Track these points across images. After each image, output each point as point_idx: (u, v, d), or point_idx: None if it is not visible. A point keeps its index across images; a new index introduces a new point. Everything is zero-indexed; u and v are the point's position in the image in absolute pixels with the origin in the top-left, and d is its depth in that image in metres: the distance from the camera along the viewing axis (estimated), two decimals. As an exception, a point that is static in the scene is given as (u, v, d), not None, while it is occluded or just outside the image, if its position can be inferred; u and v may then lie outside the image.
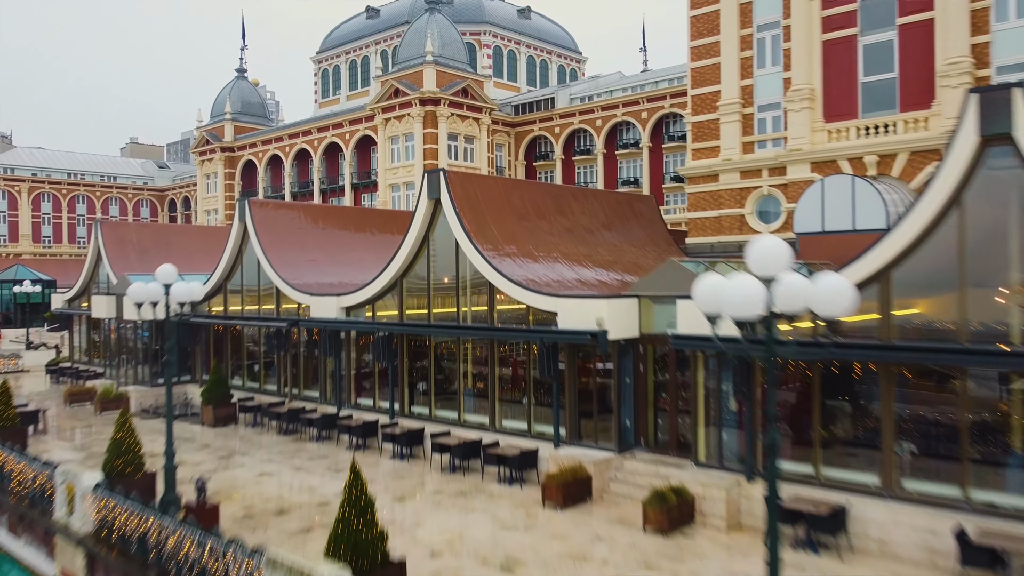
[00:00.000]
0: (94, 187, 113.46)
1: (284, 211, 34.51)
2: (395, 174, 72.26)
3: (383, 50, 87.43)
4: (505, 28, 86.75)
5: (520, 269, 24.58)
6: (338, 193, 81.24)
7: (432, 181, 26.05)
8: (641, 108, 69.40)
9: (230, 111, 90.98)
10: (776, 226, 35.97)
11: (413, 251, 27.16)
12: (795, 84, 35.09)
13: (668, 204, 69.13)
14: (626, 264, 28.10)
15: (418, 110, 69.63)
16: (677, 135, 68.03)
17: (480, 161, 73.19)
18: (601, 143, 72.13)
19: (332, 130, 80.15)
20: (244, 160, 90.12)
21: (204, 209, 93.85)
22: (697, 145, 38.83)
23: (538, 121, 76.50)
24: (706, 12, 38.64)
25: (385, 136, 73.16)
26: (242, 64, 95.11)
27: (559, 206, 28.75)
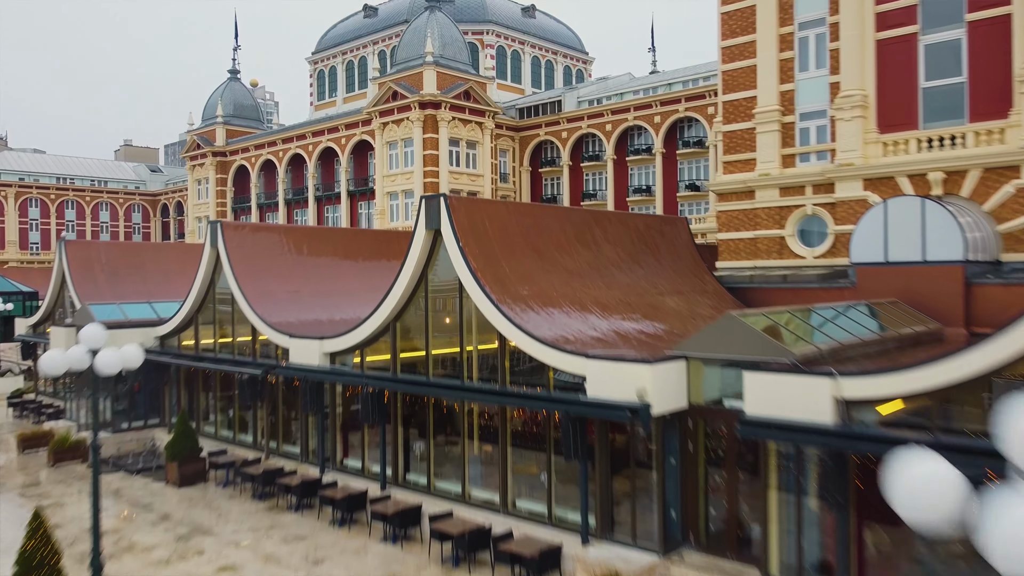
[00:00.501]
0: (84, 192, 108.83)
1: (262, 235, 29.97)
2: (393, 181, 67.68)
3: (381, 50, 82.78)
4: (509, 27, 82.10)
5: (538, 318, 20.01)
6: (334, 201, 76.66)
7: (431, 209, 21.47)
8: (654, 112, 64.76)
9: (222, 114, 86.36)
10: (821, 250, 31.37)
11: (409, 291, 22.60)
12: (844, 89, 30.47)
13: (683, 213, 64.49)
14: (665, 311, 23.43)
15: (417, 114, 65.03)
16: (692, 140, 63.41)
17: (483, 168, 68.62)
18: (611, 149, 67.50)
19: (327, 134, 75.54)
20: (237, 165, 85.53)
21: (195, 216, 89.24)
22: (730, 157, 34.18)
23: (544, 125, 71.87)
24: (739, 8, 33.97)
25: (383, 141, 68.57)
26: (235, 65, 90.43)
27: (580, 235, 24.18)
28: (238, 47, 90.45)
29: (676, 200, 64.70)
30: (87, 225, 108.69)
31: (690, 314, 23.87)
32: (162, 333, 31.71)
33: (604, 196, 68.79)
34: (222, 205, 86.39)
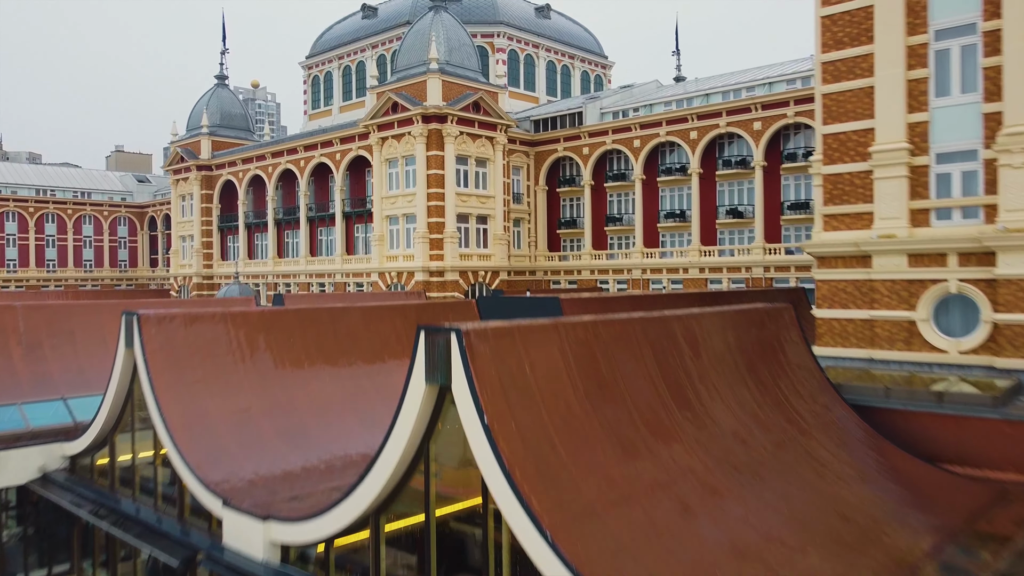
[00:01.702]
0: (65, 204, 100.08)
1: (200, 328, 21.21)
2: (393, 204, 58.81)
3: (381, 55, 73.78)
4: (522, 29, 73.05)
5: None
6: (328, 222, 67.80)
7: (436, 352, 12.60)
8: (689, 127, 55.74)
9: (207, 124, 77.43)
10: (970, 343, 22.42)
11: (400, 471, 13.69)
12: (1009, 123, 21.52)
13: (722, 242, 55.54)
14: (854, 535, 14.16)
15: (420, 128, 56.12)
16: (735, 160, 54.42)
17: (494, 188, 59.72)
18: (639, 167, 58.52)
19: (321, 149, 66.64)
20: (223, 180, 76.66)
21: (179, 235, 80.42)
22: (834, 209, 25.18)
23: (563, 140, 62.88)
24: (847, 10, 24.94)
25: (382, 158, 59.67)
26: (222, 70, 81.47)
27: (676, 383, 15.17)
28: (226, 50, 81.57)
29: (715, 228, 55.78)
30: (68, 240, 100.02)
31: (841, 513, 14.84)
32: (72, 452, 23.08)
33: (631, 220, 59.84)
34: (207, 223, 77.57)
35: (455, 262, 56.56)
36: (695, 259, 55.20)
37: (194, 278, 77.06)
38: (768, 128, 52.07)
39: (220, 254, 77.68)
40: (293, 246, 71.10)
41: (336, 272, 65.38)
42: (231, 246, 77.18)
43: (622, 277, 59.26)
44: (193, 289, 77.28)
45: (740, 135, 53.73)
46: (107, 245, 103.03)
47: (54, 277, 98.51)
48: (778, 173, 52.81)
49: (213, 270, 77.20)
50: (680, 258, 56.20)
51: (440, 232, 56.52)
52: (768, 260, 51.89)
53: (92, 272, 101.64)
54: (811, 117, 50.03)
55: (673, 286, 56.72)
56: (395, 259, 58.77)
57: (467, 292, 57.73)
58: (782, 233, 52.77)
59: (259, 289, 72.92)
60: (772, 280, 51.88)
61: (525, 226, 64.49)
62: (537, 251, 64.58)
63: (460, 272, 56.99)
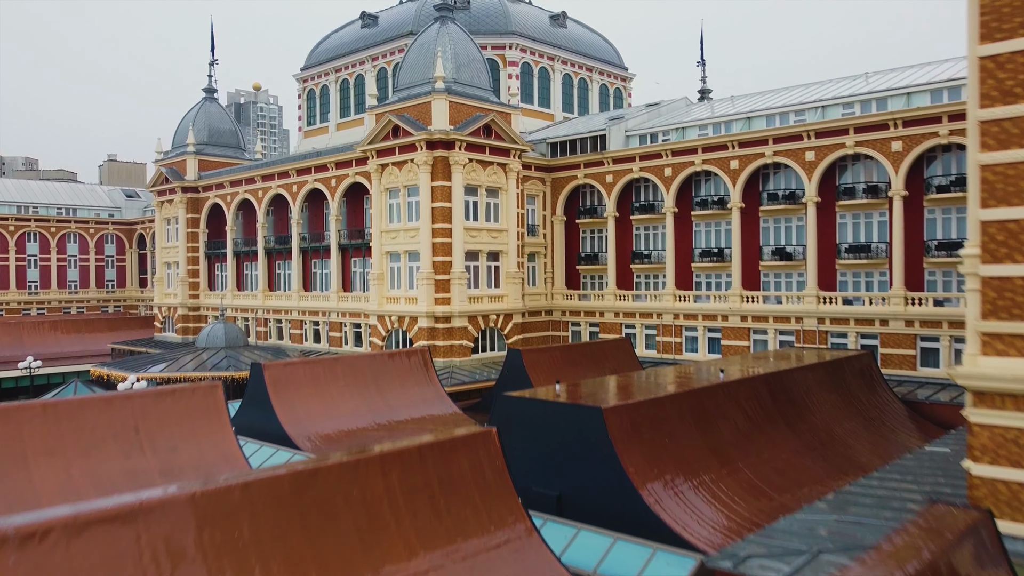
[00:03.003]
0: (48, 222, 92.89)
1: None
2: (394, 239, 51.54)
3: (381, 68, 66.37)
4: (536, 40, 65.56)
5: None
6: (322, 254, 60.51)
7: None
8: (730, 155, 48.34)
9: (194, 142, 70.10)
10: None
11: None
12: None
13: (768, 287, 48.23)
14: None
15: (424, 155, 48.81)
16: (782, 193, 47.06)
17: (507, 220, 52.42)
18: (671, 199, 51.13)
19: (315, 173, 59.34)
20: (210, 203, 69.39)
21: (163, 261, 73.16)
22: (998, 327, 17.74)
23: (583, 166, 55.48)
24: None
25: (381, 187, 52.37)
26: (211, 83, 74.03)
27: None
28: (215, 61, 74.10)
29: (758, 270, 48.41)
30: (52, 259, 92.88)
31: None
32: None
33: (661, 257, 52.49)
34: (194, 250, 70.31)
35: (464, 306, 49.30)
36: (736, 305, 47.87)
37: (179, 309, 69.85)
38: (823, 159, 44.68)
39: (207, 283, 70.45)
40: (285, 278, 63.86)
41: (331, 311, 58.15)
42: (219, 275, 69.97)
43: (651, 322, 51.93)
44: (178, 321, 70.07)
45: (789, 165, 46.33)
46: (93, 264, 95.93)
47: (36, 300, 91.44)
48: (833, 209, 45.44)
49: (200, 300, 69.99)
50: (718, 303, 48.86)
51: (447, 272, 49.24)
52: (823, 310, 44.54)
53: (77, 293, 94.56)
54: (874, 148, 42.70)
55: (710, 334, 49.37)
56: (396, 301, 51.52)
57: (476, 339, 50.47)
58: (838, 279, 45.42)
59: (248, 324, 65.73)
60: (827, 334, 44.54)
61: (541, 260, 57.15)
62: (554, 288, 57.25)
63: (469, 317, 49.74)
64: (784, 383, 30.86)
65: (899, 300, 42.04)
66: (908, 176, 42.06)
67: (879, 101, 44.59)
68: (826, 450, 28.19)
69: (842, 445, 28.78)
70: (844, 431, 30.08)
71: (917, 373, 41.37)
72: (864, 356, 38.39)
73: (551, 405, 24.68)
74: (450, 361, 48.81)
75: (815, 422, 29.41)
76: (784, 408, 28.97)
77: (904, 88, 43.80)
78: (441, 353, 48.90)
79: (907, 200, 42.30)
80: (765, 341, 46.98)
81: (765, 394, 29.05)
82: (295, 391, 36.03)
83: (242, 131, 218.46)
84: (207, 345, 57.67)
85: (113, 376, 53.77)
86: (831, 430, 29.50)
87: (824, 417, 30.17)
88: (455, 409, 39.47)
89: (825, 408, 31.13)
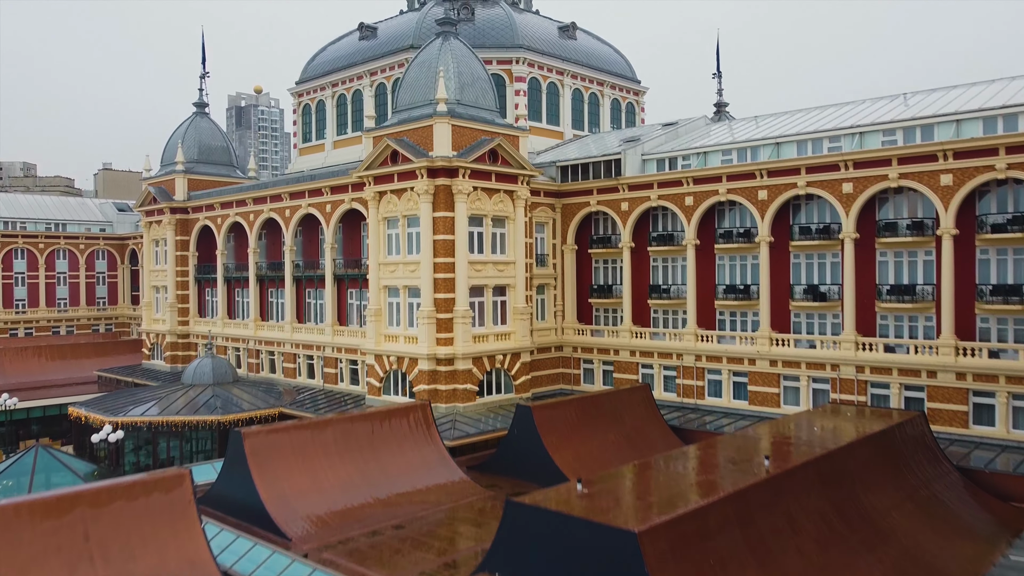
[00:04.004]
0: (36, 238, 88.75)
1: None
2: (393, 272, 47.33)
3: (380, 83, 62.04)
4: (544, 53, 61.20)
5: None
6: (317, 284, 56.29)
7: None
8: (757, 184, 44.06)
9: (183, 160, 65.88)
10: None
11: None
12: None
13: (800, 329, 43.98)
14: None
15: (425, 184, 44.60)
16: (815, 227, 42.88)
17: (514, 251, 48.21)
18: (692, 230, 46.84)
19: (309, 197, 55.11)
20: (200, 225, 65.18)
21: (152, 285, 68.96)
22: None
23: (596, 192, 51.18)
24: None
25: (379, 216, 48.14)
26: (201, 96, 69.76)
27: None
28: (206, 74, 69.87)
29: (788, 309, 44.14)
30: (40, 276, 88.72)
31: None
32: None
33: (680, 292, 48.21)
34: (183, 274, 66.12)
35: (468, 347, 45.07)
36: (764, 349, 43.57)
37: (168, 336, 65.65)
38: (862, 191, 40.36)
39: (197, 309, 66.26)
40: (278, 307, 59.66)
41: (326, 345, 53.94)
42: (209, 300, 65.78)
43: (670, 363, 47.64)
44: (167, 348, 65.88)
45: (823, 197, 42.01)
46: (84, 281, 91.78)
47: (24, 319, 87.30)
48: (872, 246, 41.11)
49: (189, 327, 65.80)
50: (745, 345, 44.56)
51: (449, 311, 45.02)
52: (861, 358, 40.22)
53: (67, 312, 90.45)
54: (920, 180, 38.43)
55: (735, 378, 45.09)
56: (395, 340, 47.29)
57: (481, 382, 46.25)
58: (878, 322, 41.09)
59: (239, 354, 61.55)
60: (867, 384, 40.23)
61: (550, 292, 52.88)
62: (565, 323, 52.95)
63: (474, 359, 45.50)
64: (837, 470, 26.62)
65: (948, 349, 37.71)
66: (959, 213, 37.72)
67: (924, 129, 40.20)
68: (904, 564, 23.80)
69: (920, 561, 24.38)
70: (916, 532, 25.73)
71: (969, 432, 37.08)
72: (916, 419, 34.17)
73: (575, 522, 20.39)
74: (453, 407, 44.62)
75: (883, 527, 25.06)
76: (844, 510, 24.65)
77: (952, 115, 39.40)
78: (443, 398, 44.69)
79: (957, 239, 37.98)
80: (797, 389, 42.70)
81: (818, 489, 24.77)
82: (279, 462, 31.86)
83: (243, 135, 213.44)
84: (193, 381, 53.56)
85: (91, 419, 49.63)
86: (901, 537, 25.14)
87: (893, 523, 25.76)
88: (461, 475, 35.28)
89: (887, 499, 26.86)
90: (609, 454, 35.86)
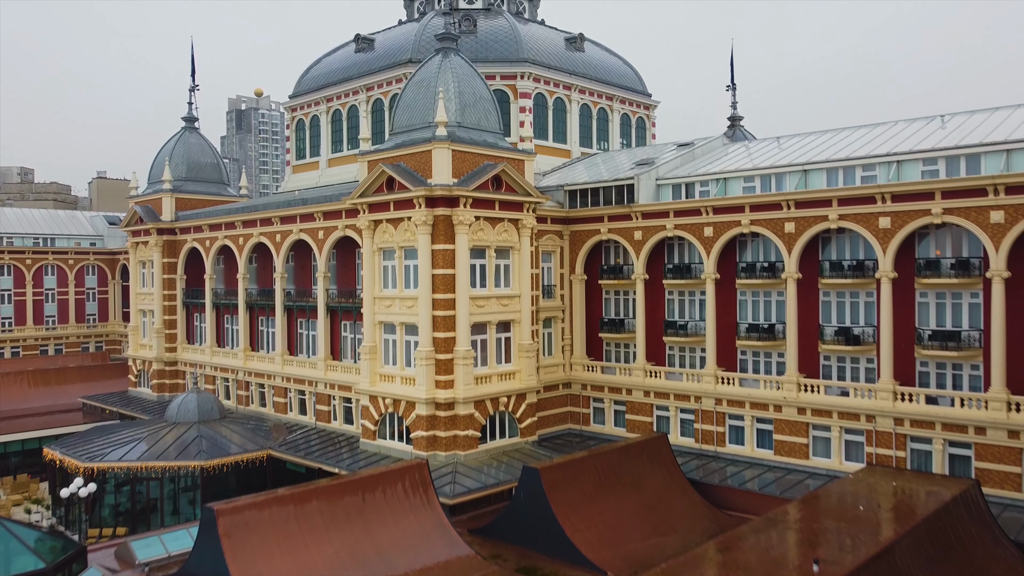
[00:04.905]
0: (23, 254, 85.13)
1: None
2: (389, 307, 43.62)
3: (377, 99, 58.23)
4: (551, 67, 57.36)
5: None
6: (309, 314, 52.53)
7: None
8: (784, 216, 40.24)
9: (170, 178, 62.17)
10: None
11: None
12: None
13: (830, 373, 40.21)
14: None
15: (424, 214, 40.90)
16: (848, 264, 39.06)
17: (520, 283, 44.51)
18: (712, 263, 43.04)
19: (300, 222, 51.39)
20: (188, 247, 61.46)
21: (138, 308, 65.25)
22: None
23: (607, 219, 47.38)
24: None
25: (373, 247, 44.44)
26: (191, 111, 66.07)
27: None
28: (195, 87, 66.14)
29: (818, 352, 40.32)
30: (27, 294, 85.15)
31: None
32: None
33: (699, 329, 44.44)
34: (171, 298, 62.42)
35: (470, 390, 41.37)
36: (792, 395, 39.79)
37: (155, 364, 61.97)
38: (901, 227, 36.55)
39: (185, 335, 62.57)
40: (268, 336, 55.94)
41: (318, 381, 50.22)
42: (198, 326, 62.07)
43: (688, 405, 43.90)
44: (153, 377, 62.22)
45: (857, 232, 38.18)
46: (73, 298, 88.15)
47: (11, 338, 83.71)
48: (912, 286, 37.30)
49: (177, 355, 62.12)
50: (770, 390, 40.78)
51: (449, 351, 41.31)
52: (901, 410, 36.43)
53: (55, 329, 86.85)
54: (967, 217, 34.64)
55: (759, 425, 41.35)
56: (391, 380, 43.61)
57: (484, 426, 42.55)
58: (917, 369, 37.29)
59: (228, 385, 57.85)
60: (906, 439, 36.44)
61: (558, 326, 49.09)
62: (573, 358, 49.17)
63: (476, 403, 41.79)
64: (892, 570, 22.83)
65: (999, 404, 33.91)
66: (1012, 252, 33.89)
67: (970, 159, 36.37)
68: None
69: None
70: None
71: (1023, 496, 33.30)
72: (971, 491, 30.37)
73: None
74: (453, 455, 40.93)
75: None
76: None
77: (1001, 144, 35.54)
78: (443, 445, 41.01)
79: (1009, 282, 34.15)
80: (827, 440, 38.91)
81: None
82: (258, 543, 28.13)
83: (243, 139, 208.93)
84: (177, 419, 49.88)
85: (67, 464, 45.97)
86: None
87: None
88: (463, 547, 31.49)
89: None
90: (628, 524, 32.11)
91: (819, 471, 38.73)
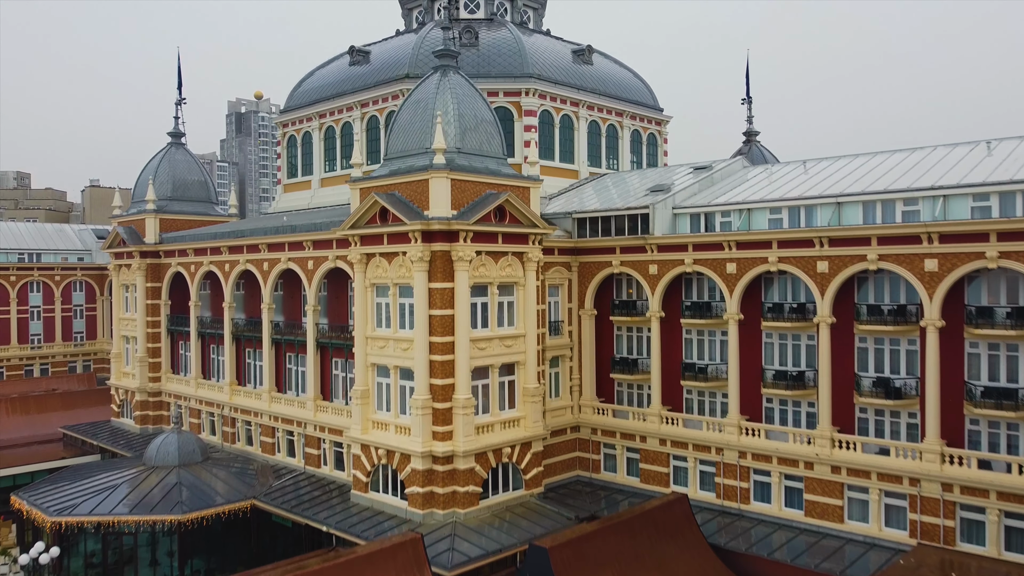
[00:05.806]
0: (8, 270, 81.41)
1: None
2: (382, 349, 39.74)
3: (372, 115, 54.27)
4: (557, 82, 53.35)
5: None
6: (298, 348, 48.63)
7: None
8: (816, 254, 36.25)
9: (155, 198, 58.35)
10: None
11: None
12: None
13: (867, 428, 36.19)
14: None
15: (420, 249, 36.98)
16: (888, 309, 34.95)
17: (524, 322, 40.61)
18: (735, 302, 39.06)
19: (289, 250, 47.51)
20: (172, 271, 57.60)
21: (121, 335, 61.43)
22: None
23: (620, 251, 43.42)
24: None
25: (365, 282, 40.56)
26: (177, 125, 62.22)
27: None
28: (182, 101, 62.26)
29: (852, 403, 36.32)
30: (11, 312, 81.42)
31: None
32: None
33: (720, 373, 40.47)
34: (155, 324, 58.56)
35: (470, 442, 37.49)
36: (825, 451, 35.85)
37: (137, 394, 58.17)
38: (950, 271, 32.58)
39: (170, 364, 58.72)
40: (256, 370, 52.09)
41: (307, 422, 46.37)
42: (183, 354, 58.23)
43: (708, 457, 39.97)
44: (136, 408, 58.41)
45: (898, 274, 34.21)
46: (59, 315, 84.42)
47: (-6, 358, 79.96)
48: (960, 336, 33.33)
49: (161, 384, 58.29)
50: (801, 444, 36.84)
51: (448, 399, 37.45)
52: (949, 474, 32.48)
53: (41, 348, 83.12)
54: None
55: (788, 483, 37.41)
56: (384, 428, 39.77)
57: (485, 480, 38.66)
58: (967, 428, 33.33)
59: (214, 421, 54.03)
60: (955, 506, 32.48)
61: (565, 365, 45.17)
62: (582, 399, 45.25)
63: (477, 455, 37.90)
64: None
65: (1063, 473, 29.98)
66: (1078, 304, 29.94)
67: (1028, 194, 32.36)
68: None
69: None
70: None
71: (1092, 578, 29.36)
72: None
73: None
74: (452, 513, 37.09)
75: None
76: None
77: (1064, 178, 31.57)
78: (440, 503, 37.16)
79: (1075, 336, 30.21)
80: (865, 503, 34.98)
81: None
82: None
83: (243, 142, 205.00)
84: (156, 462, 46.05)
85: (33, 516, 42.21)
86: None
87: None
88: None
89: None
90: (647, 615, 28.20)
91: (856, 536, 34.83)
